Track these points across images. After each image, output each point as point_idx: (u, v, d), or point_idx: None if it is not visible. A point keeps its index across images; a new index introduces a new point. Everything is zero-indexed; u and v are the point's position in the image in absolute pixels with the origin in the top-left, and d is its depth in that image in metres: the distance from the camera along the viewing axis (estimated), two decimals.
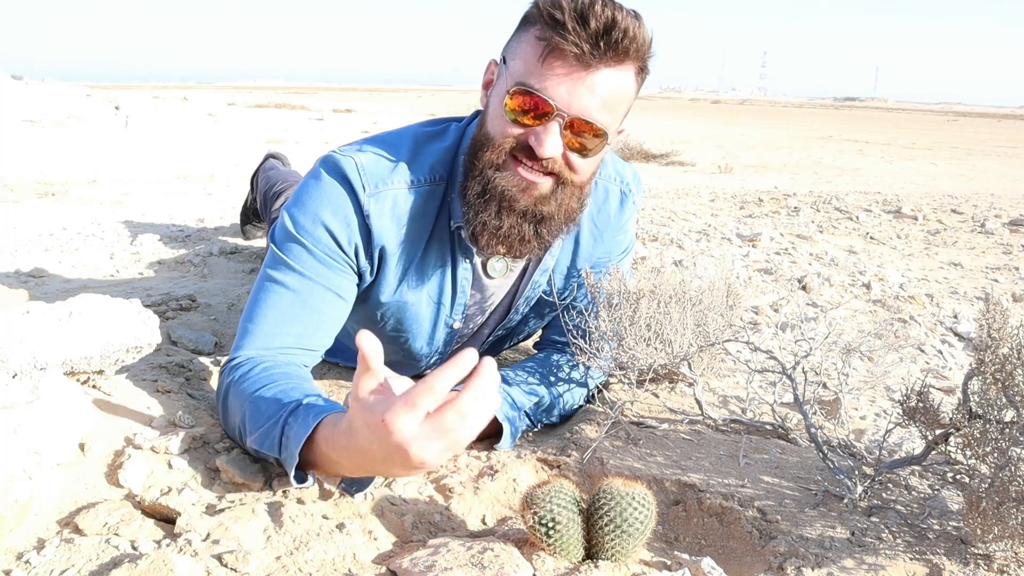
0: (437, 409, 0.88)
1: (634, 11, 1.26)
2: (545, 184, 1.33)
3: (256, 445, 1.16)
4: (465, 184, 1.37)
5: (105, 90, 12.49)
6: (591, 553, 1.01)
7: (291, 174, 3.04)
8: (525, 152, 1.30)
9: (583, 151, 1.31)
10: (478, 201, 1.35)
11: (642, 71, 1.32)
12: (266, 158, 3.27)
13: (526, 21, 1.30)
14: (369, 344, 0.91)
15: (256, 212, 3.25)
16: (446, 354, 1.69)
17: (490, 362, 0.89)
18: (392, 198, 1.40)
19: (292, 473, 1.09)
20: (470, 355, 0.87)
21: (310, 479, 1.13)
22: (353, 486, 1.18)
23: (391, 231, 1.42)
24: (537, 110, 1.27)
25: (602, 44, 1.22)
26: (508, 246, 1.38)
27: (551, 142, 1.27)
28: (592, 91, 1.25)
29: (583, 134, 1.29)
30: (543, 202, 1.34)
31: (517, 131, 1.30)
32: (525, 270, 1.59)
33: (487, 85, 1.40)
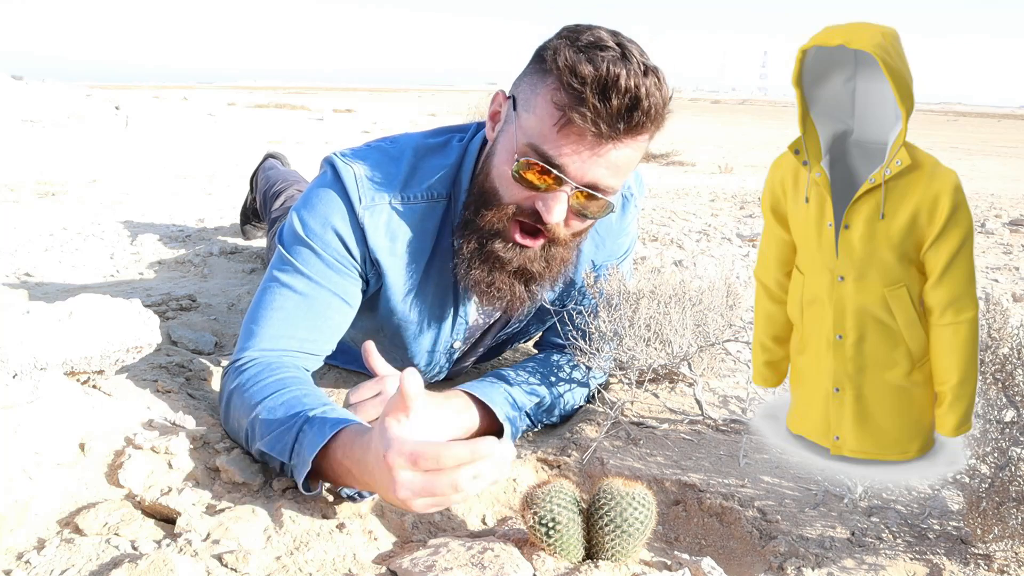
0: (438, 469, 0.92)
1: (656, 70, 1.22)
2: (536, 246, 1.35)
3: (266, 448, 1.16)
4: (463, 233, 1.37)
5: (105, 90, 12.50)
6: (591, 553, 1.01)
7: (290, 174, 3.04)
8: (530, 216, 1.31)
9: (585, 214, 1.32)
10: (472, 257, 1.36)
11: (655, 132, 1.31)
12: (265, 158, 3.27)
13: (543, 68, 1.25)
14: (412, 386, 0.94)
15: (256, 212, 3.25)
16: (449, 367, 1.69)
17: (507, 446, 0.94)
18: (387, 213, 1.40)
19: (301, 480, 1.08)
20: (490, 445, 0.92)
21: (319, 488, 1.11)
22: (358, 492, 1.17)
23: (384, 245, 1.41)
24: (547, 177, 1.26)
25: (622, 125, 1.20)
26: (499, 302, 1.40)
27: (558, 210, 1.27)
28: (605, 163, 1.25)
29: (590, 200, 1.29)
30: (532, 262, 1.36)
31: (523, 195, 1.30)
32: None
33: (493, 116, 1.38)
